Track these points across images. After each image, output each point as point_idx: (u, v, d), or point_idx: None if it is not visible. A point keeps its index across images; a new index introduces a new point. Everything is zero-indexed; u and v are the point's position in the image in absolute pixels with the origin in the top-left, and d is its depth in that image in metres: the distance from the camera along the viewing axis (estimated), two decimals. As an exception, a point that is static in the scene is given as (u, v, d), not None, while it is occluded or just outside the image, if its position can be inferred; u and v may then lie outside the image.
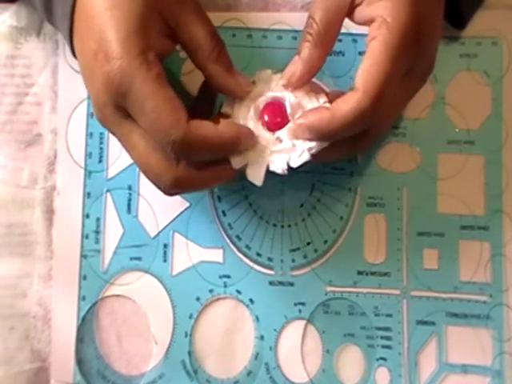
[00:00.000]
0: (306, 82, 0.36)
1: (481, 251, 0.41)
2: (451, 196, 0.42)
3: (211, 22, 0.35)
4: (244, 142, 0.34)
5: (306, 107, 0.36)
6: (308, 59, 0.35)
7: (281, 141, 0.35)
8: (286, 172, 0.35)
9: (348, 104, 0.33)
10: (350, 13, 0.35)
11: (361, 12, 0.34)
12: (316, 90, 0.37)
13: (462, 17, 0.40)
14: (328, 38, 0.35)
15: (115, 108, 0.33)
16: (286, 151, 0.35)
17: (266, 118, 0.36)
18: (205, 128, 0.33)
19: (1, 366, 0.41)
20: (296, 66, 0.35)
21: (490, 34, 0.42)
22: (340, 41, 0.42)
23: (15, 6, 0.43)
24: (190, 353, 0.41)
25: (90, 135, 0.42)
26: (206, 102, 0.39)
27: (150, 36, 0.33)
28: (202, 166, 0.34)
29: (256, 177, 0.36)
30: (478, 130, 0.42)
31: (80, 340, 0.41)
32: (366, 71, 0.33)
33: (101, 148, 0.42)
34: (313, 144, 0.35)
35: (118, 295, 0.41)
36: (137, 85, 0.31)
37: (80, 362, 0.41)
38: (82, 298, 0.41)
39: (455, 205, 0.42)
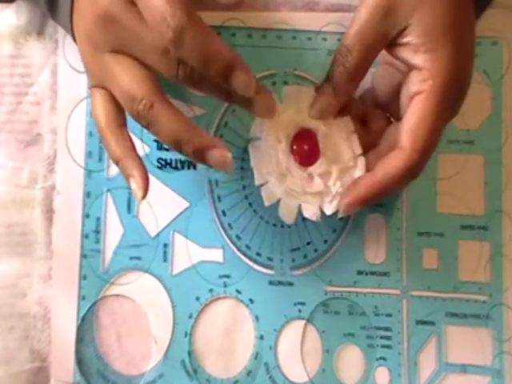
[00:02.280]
0: (336, 110, 0.35)
1: (480, 251, 0.41)
2: (451, 196, 0.42)
3: None
4: (239, 71, 0.31)
5: (337, 142, 0.36)
6: (342, 93, 0.34)
7: (312, 179, 0.36)
8: (319, 219, 0.35)
9: (396, 165, 0.33)
10: (387, 48, 0.34)
11: (403, 53, 0.34)
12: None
13: None
14: (363, 72, 0.34)
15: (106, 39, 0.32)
16: (318, 194, 0.35)
17: (294, 147, 0.36)
18: (206, 26, 0.31)
19: (0, 366, 0.41)
20: (329, 100, 0.35)
21: (489, 34, 0.42)
22: (340, 40, 0.42)
23: (15, 6, 0.43)
24: (189, 352, 0.41)
25: (89, 134, 0.42)
26: None
27: None
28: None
29: (287, 216, 0.36)
30: (477, 130, 0.42)
31: (80, 340, 0.41)
32: (413, 130, 0.33)
33: (101, 147, 0.42)
34: (343, 188, 0.35)
35: (117, 295, 0.41)
36: None
37: (80, 361, 0.41)
38: (81, 298, 0.41)
39: (455, 205, 0.42)
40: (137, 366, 0.41)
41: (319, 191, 0.35)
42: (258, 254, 0.41)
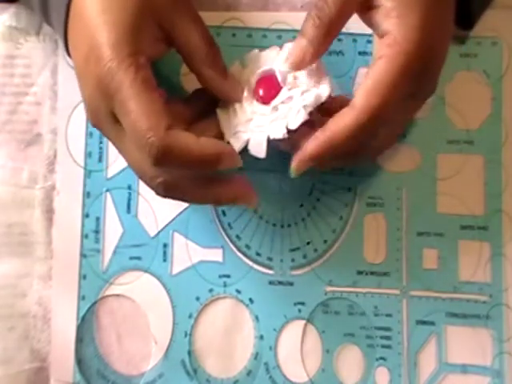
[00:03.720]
0: (310, 65, 0.35)
1: (480, 251, 0.41)
2: (451, 196, 0.42)
3: (206, 26, 0.35)
4: (226, 160, 0.33)
5: (303, 81, 0.35)
6: (317, 44, 0.34)
7: (277, 109, 0.35)
8: (286, 136, 0.34)
9: (344, 122, 0.33)
10: (361, 10, 0.34)
11: (374, 18, 0.34)
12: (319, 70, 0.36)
13: (470, 18, 0.40)
14: (338, 25, 0.34)
15: (107, 112, 0.33)
16: (283, 116, 0.35)
17: (260, 93, 0.36)
18: (185, 137, 0.32)
19: (0, 366, 0.41)
20: (304, 50, 0.34)
21: (489, 34, 0.42)
22: (340, 40, 0.42)
23: (15, 7, 0.43)
24: (189, 352, 0.41)
25: (89, 135, 0.42)
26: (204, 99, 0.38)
27: (141, 40, 0.33)
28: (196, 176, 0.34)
29: (258, 150, 0.35)
30: (477, 130, 0.42)
31: (80, 340, 0.41)
32: (367, 91, 0.33)
33: (100, 147, 0.42)
34: (308, 102, 0.34)
35: (117, 295, 0.41)
36: (124, 85, 0.32)
37: (80, 361, 0.41)
38: (81, 298, 0.41)
39: (455, 205, 0.41)
40: (137, 366, 0.41)
41: (284, 113, 0.35)
42: (258, 254, 0.41)
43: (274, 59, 0.36)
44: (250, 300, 0.41)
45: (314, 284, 0.41)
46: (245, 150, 0.35)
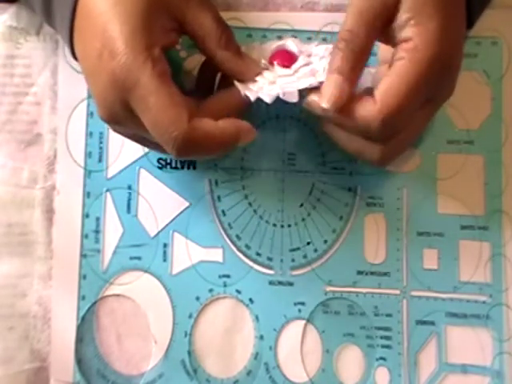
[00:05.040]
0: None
1: (480, 251, 0.41)
2: (451, 196, 0.42)
3: (216, 9, 0.35)
4: (244, 136, 0.35)
5: (317, 52, 0.37)
6: (352, 78, 0.34)
7: (298, 71, 0.36)
8: (317, 84, 0.35)
9: (363, 111, 0.33)
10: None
11: (392, 31, 0.34)
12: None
13: (470, 17, 0.40)
14: (368, 51, 0.34)
15: (123, 106, 0.33)
16: (309, 75, 0.36)
17: (275, 62, 0.37)
18: (206, 125, 0.33)
19: (0, 366, 0.41)
20: (341, 89, 0.33)
21: (489, 34, 0.42)
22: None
23: (15, 7, 0.43)
24: (189, 352, 0.41)
25: (89, 135, 0.42)
26: (207, 81, 0.39)
27: (154, 32, 0.33)
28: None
29: (291, 97, 0.35)
30: (477, 130, 0.42)
31: (80, 339, 0.41)
32: (389, 88, 0.33)
33: (100, 147, 0.42)
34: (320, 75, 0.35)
35: (117, 295, 0.41)
36: (141, 80, 0.32)
37: (80, 361, 0.41)
38: (81, 298, 0.41)
39: (455, 205, 0.42)
40: (137, 365, 0.41)
41: (311, 70, 0.36)
42: (258, 254, 0.41)
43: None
44: (250, 300, 0.41)
45: (313, 284, 0.41)
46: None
